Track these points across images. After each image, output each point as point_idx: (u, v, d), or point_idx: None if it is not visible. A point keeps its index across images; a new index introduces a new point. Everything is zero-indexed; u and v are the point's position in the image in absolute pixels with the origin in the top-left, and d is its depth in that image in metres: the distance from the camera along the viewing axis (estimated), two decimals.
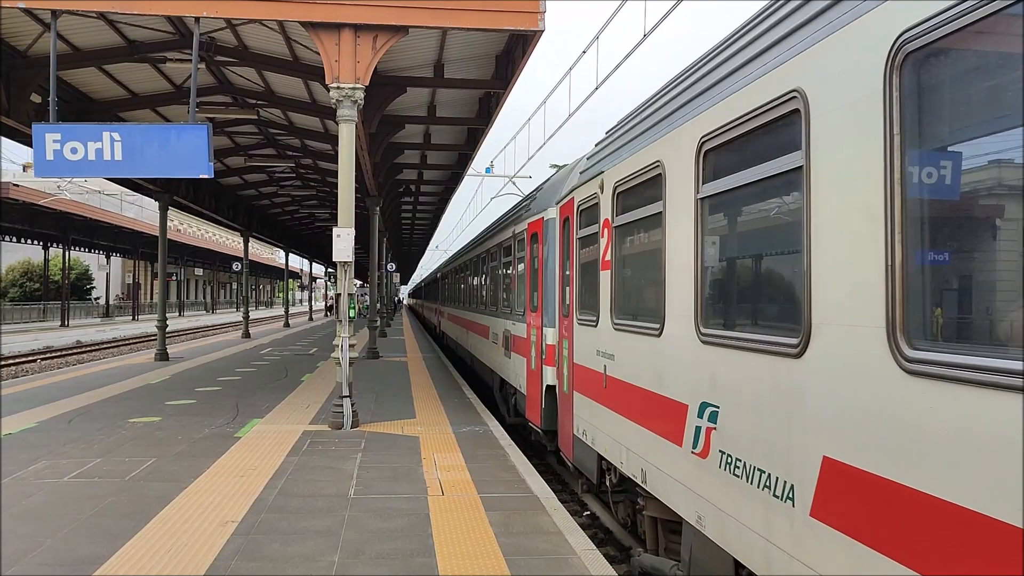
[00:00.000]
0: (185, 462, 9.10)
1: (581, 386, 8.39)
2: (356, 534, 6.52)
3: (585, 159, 9.06)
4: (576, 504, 10.18)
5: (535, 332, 10.99)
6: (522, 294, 12.34)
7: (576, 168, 9.61)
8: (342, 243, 11.17)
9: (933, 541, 2.91)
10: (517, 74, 14.10)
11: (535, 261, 11.18)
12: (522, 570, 5.73)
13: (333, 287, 53.43)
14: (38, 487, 7.92)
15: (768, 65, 4.28)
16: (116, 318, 64.41)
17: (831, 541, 3.54)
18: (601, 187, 7.53)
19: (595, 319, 7.70)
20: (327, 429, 11.23)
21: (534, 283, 11.22)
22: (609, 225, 7.27)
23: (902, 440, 3.09)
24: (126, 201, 66.20)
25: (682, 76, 6.06)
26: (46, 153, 10.34)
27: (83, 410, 12.98)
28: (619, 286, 7.16)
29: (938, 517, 2.88)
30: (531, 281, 11.47)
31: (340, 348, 11.25)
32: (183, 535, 6.42)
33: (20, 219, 42.88)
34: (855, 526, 3.37)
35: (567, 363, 9.13)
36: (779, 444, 4.06)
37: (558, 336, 9.74)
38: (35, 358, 28.04)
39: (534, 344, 11.07)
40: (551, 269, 10.31)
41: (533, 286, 11.25)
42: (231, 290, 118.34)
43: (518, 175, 37.62)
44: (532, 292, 11.32)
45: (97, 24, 13.36)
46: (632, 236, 6.92)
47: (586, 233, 8.22)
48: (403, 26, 10.84)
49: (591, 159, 8.46)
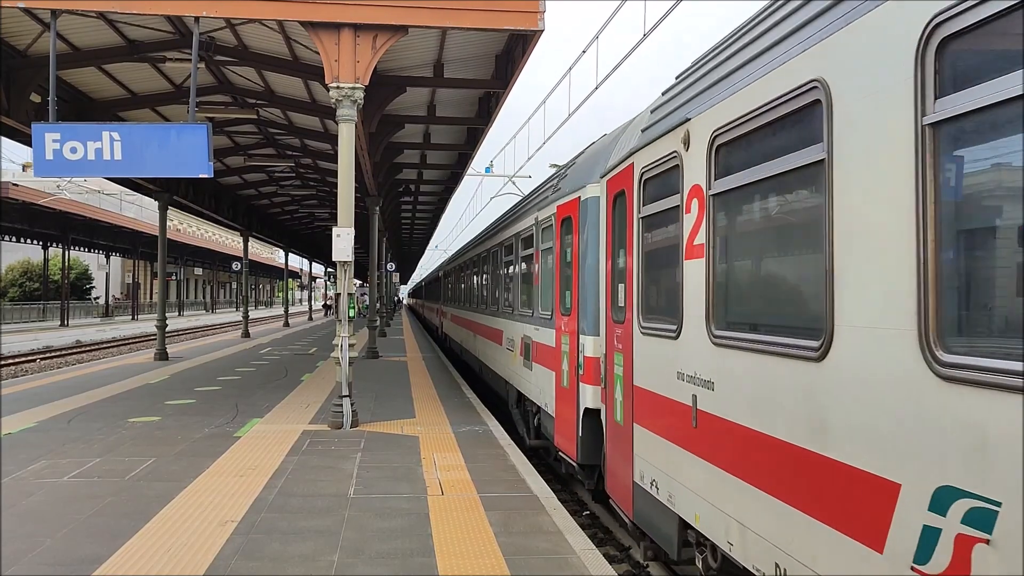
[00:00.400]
0: (185, 462, 9.10)
1: (648, 418, 6.33)
2: (356, 534, 6.52)
3: (649, 112, 6.88)
4: (576, 504, 10.18)
5: (567, 340, 9.13)
6: (548, 294, 10.40)
7: (634, 125, 7.45)
8: (342, 243, 11.17)
9: None
10: (517, 74, 14.10)
11: (567, 253, 9.33)
12: (522, 570, 5.73)
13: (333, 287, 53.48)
14: (38, 487, 7.92)
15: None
16: (116, 318, 64.39)
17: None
18: (685, 141, 5.50)
19: (674, 328, 5.65)
20: (327, 429, 11.23)
21: (565, 280, 9.34)
22: (702, 194, 5.18)
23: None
24: (126, 201, 66.22)
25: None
26: (46, 153, 10.34)
27: (83, 410, 12.98)
28: (724, 282, 5.07)
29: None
30: (561, 278, 9.54)
31: (340, 348, 11.24)
32: (183, 535, 6.42)
33: (20, 219, 42.86)
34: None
35: (621, 384, 7.05)
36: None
37: (604, 347, 7.72)
38: (35, 358, 28.03)
39: (566, 355, 9.18)
40: (591, 261, 8.41)
41: (564, 284, 9.37)
42: (231, 290, 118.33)
43: (518, 175, 37.65)
44: (563, 291, 9.41)
45: (97, 24, 13.36)
46: (751, 205, 4.84)
47: (655, 210, 6.16)
48: (403, 26, 10.84)
49: (663, 107, 6.31)
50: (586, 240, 8.53)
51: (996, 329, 2.98)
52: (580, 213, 8.77)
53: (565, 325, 9.27)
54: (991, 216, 3.06)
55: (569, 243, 9.21)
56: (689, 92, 5.77)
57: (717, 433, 4.96)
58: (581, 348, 8.53)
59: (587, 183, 8.65)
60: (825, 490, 3.75)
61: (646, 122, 6.76)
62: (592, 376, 8.24)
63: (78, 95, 16.88)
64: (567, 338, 9.17)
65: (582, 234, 8.66)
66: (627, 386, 6.90)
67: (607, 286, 7.69)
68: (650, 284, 6.53)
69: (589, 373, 8.31)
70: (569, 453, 9.02)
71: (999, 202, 2.98)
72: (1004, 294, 2.96)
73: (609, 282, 7.62)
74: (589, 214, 8.52)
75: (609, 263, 7.65)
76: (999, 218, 3.00)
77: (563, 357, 9.37)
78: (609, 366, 7.53)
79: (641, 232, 6.56)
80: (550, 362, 10.11)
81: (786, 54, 4.23)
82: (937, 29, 3.02)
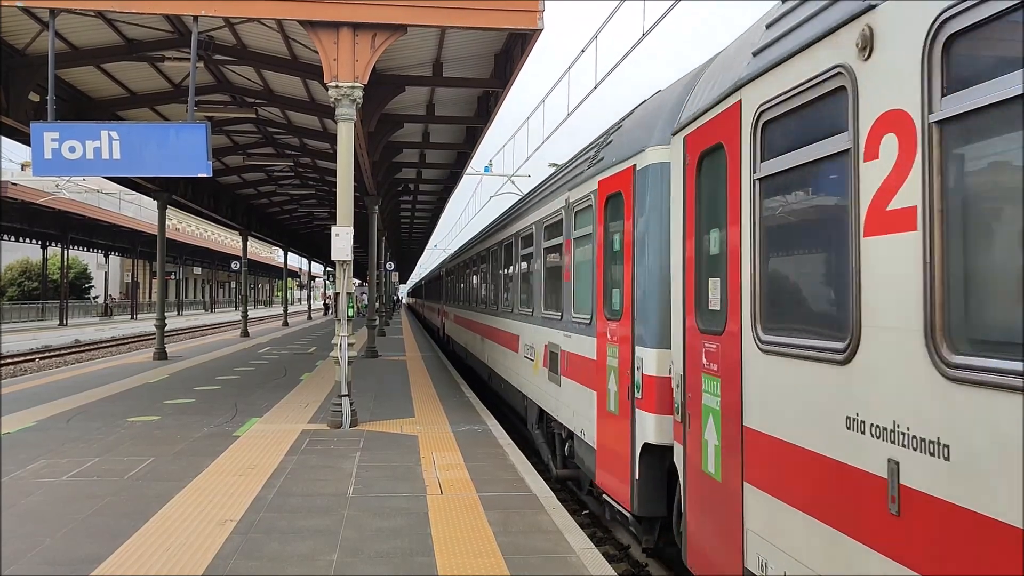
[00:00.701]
0: (184, 461, 9.09)
1: (776, 481, 4.34)
2: (355, 533, 6.52)
3: (764, 28, 4.88)
4: (574, 503, 10.18)
5: (616, 352, 7.24)
6: (585, 292, 8.56)
7: (726, 59, 5.50)
8: (341, 242, 11.17)
9: None
10: (516, 73, 14.10)
11: (613, 240, 7.50)
12: (521, 569, 5.73)
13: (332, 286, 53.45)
14: (37, 486, 7.92)
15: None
16: (115, 317, 64.36)
17: None
18: (864, 44, 3.50)
19: (841, 346, 3.68)
20: (326, 428, 11.22)
21: (612, 275, 7.53)
22: (910, 126, 3.20)
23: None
24: (125, 200, 66.24)
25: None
26: (44, 152, 10.33)
27: (82, 409, 12.97)
28: (964, 270, 3.02)
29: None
30: (605, 272, 7.71)
31: (339, 347, 11.24)
32: (182, 534, 6.42)
33: (19, 218, 42.82)
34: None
35: (716, 421, 5.08)
36: None
37: (682, 365, 5.71)
38: (33, 357, 28.01)
39: (614, 371, 7.29)
40: (655, 249, 6.56)
41: (611, 280, 7.56)
42: (230, 289, 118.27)
43: (517, 174, 37.67)
44: (609, 289, 7.58)
45: (95, 23, 13.35)
46: None
47: (790, 164, 4.21)
48: (402, 25, 10.84)
49: (802, 7, 4.32)
50: (646, 221, 6.65)
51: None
52: (636, 187, 6.85)
53: (612, 332, 7.37)
54: None
55: (618, 228, 7.34)
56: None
57: (949, 531, 2.94)
58: (638, 364, 6.63)
59: (646, 146, 6.77)
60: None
61: (761, 41, 4.74)
62: (654, 401, 6.38)
63: (77, 94, 16.87)
64: (615, 349, 7.25)
65: (639, 214, 6.77)
66: (730, 426, 4.86)
67: (687, 281, 5.65)
68: (779, 277, 4.60)
69: (651, 396, 6.41)
70: (620, 498, 7.06)
71: None
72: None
73: (691, 276, 5.58)
74: (650, 187, 6.61)
75: (690, 249, 5.60)
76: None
77: (609, 373, 7.44)
78: (692, 393, 5.51)
79: (760, 200, 4.54)
80: (588, 378, 8.22)
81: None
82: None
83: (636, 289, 6.79)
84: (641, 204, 6.79)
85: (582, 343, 8.54)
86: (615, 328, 7.31)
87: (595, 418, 7.89)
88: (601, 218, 7.85)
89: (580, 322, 8.64)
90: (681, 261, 5.81)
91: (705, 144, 5.38)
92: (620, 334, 7.14)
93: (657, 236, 6.58)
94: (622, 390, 7.01)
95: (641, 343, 6.65)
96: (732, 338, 4.83)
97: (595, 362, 7.95)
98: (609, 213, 7.68)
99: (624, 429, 6.92)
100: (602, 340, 7.70)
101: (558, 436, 9.96)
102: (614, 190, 7.49)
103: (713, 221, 5.30)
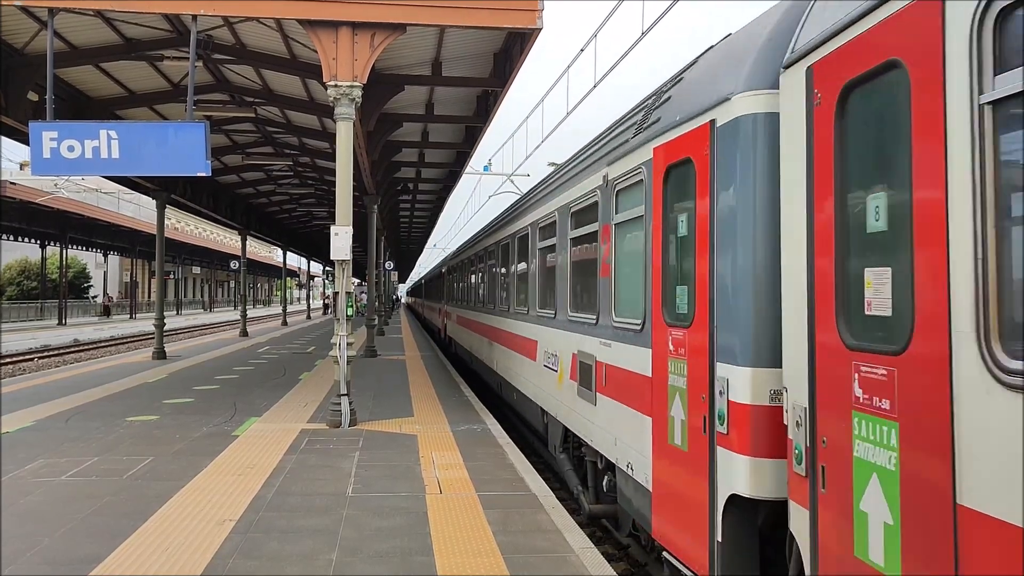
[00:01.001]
0: (183, 461, 9.09)
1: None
2: (354, 532, 6.52)
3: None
4: (574, 502, 10.18)
5: (682, 368, 5.61)
6: (632, 289, 6.91)
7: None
8: (340, 241, 11.16)
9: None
10: (515, 72, 14.10)
11: (678, 222, 5.89)
12: (520, 569, 5.73)
13: (331, 285, 53.45)
14: (36, 486, 7.91)
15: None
16: (114, 317, 64.33)
17: None
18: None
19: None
20: (325, 428, 11.22)
21: (676, 268, 5.96)
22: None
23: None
24: (124, 199, 66.19)
25: None
26: (43, 151, 10.31)
27: (81, 409, 12.96)
28: None
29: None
30: (666, 265, 6.05)
31: (338, 347, 11.23)
32: (181, 534, 6.41)
33: (17, 218, 42.79)
34: None
35: (890, 489, 3.41)
36: None
37: (808, 395, 4.08)
38: (32, 357, 28.00)
39: (679, 393, 5.63)
40: (751, 228, 4.84)
41: (675, 274, 5.96)
42: (229, 288, 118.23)
43: (516, 173, 37.67)
44: (671, 286, 5.98)
45: (94, 22, 13.34)
46: None
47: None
48: (401, 24, 10.83)
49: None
50: (735, 194, 4.96)
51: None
52: (718, 149, 5.16)
53: (679, 341, 5.73)
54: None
55: (686, 206, 5.75)
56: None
57: None
58: (721, 386, 4.96)
59: (731, 93, 5.02)
60: None
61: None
62: (746, 439, 4.69)
63: (76, 93, 16.85)
64: (681, 364, 5.65)
65: (723, 185, 5.09)
66: (920, 501, 3.22)
67: (816, 273, 4.02)
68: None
69: (742, 432, 4.73)
70: (691, 563, 5.40)
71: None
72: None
73: (825, 265, 3.94)
74: (741, 147, 4.92)
75: (822, 227, 3.98)
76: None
77: (672, 395, 5.77)
78: (832, 438, 3.84)
79: (990, 136, 2.83)
80: (638, 398, 6.55)
81: None
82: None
83: (718, 285, 5.12)
84: (727, 171, 5.04)
85: (627, 353, 6.86)
86: (683, 336, 5.63)
87: (650, 452, 6.17)
88: (659, 195, 6.15)
89: (625, 327, 6.96)
90: (804, 244, 4.13)
91: (859, 67, 3.68)
92: (692, 344, 5.46)
93: (751, 213, 4.86)
94: (694, 419, 5.37)
95: (727, 358, 4.92)
96: (927, 362, 3.17)
97: (648, 379, 6.27)
98: (671, 188, 6.02)
99: (698, 471, 5.25)
100: (663, 350, 5.97)
101: (591, 464, 8.38)
102: (679, 157, 5.78)
103: (879, 179, 3.63)
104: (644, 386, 6.37)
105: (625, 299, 7.14)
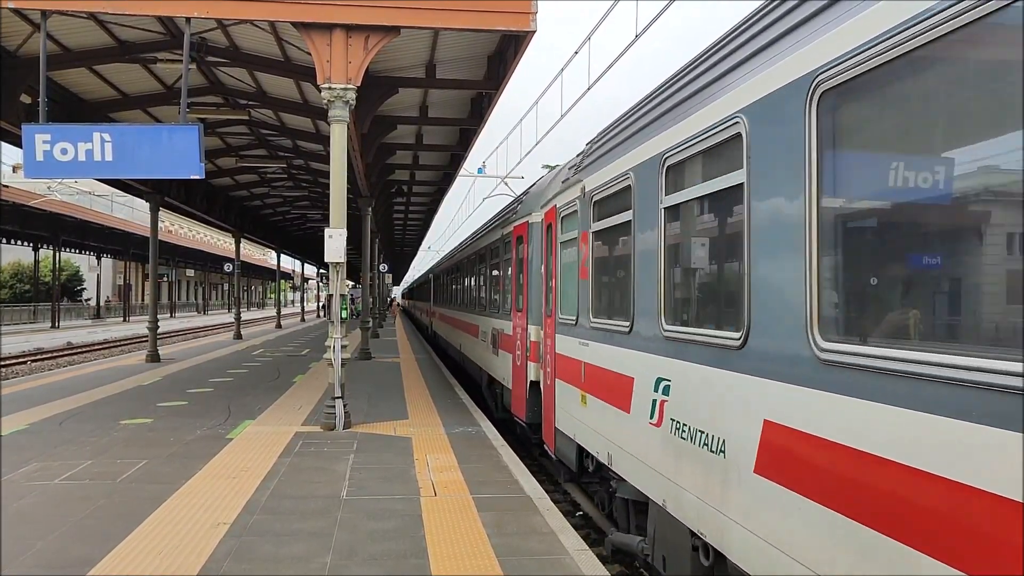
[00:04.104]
0: (177, 463, 9.07)
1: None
2: (349, 535, 6.51)
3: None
4: (568, 504, 10.19)
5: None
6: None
7: None
8: (334, 244, 11.15)
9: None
10: (509, 75, 14.11)
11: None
12: (515, 571, 5.73)
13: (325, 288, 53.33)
14: (29, 489, 7.89)
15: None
16: (107, 319, 64.10)
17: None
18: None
19: None
20: (319, 430, 11.21)
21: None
22: None
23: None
24: (117, 202, 65.93)
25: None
26: (36, 154, 10.29)
27: (74, 412, 12.92)
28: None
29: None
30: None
31: (332, 349, 11.23)
32: (175, 537, 6.40)
33: (10, 220, 42.61)
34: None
35: None
36: None
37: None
38: (26, 360, 27.88)
39: (519, 340, 7.19)
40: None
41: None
42: (223, 291, 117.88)
43: (510, 175, 37.66)
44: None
45: (87, 24, 13.31)
46: None
47: None
48: (395, 26, 10.84)
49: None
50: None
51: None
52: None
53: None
54: None
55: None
56: None
57: None
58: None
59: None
60: None
61: None
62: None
63: (69, 96, 16.81)
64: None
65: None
66: None
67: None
68: None
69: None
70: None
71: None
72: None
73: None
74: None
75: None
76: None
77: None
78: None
79: None
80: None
81: None
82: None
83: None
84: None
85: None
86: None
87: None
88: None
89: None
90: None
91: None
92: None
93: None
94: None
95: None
96: None
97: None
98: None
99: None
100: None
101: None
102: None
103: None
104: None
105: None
